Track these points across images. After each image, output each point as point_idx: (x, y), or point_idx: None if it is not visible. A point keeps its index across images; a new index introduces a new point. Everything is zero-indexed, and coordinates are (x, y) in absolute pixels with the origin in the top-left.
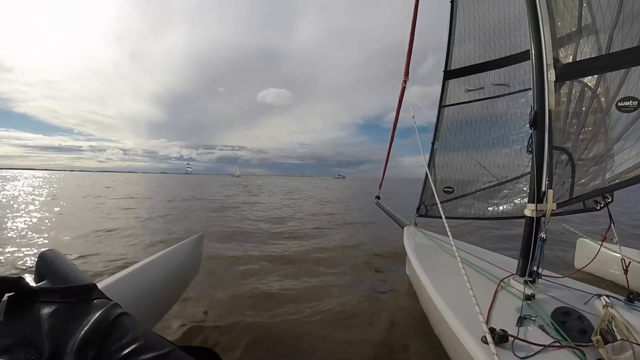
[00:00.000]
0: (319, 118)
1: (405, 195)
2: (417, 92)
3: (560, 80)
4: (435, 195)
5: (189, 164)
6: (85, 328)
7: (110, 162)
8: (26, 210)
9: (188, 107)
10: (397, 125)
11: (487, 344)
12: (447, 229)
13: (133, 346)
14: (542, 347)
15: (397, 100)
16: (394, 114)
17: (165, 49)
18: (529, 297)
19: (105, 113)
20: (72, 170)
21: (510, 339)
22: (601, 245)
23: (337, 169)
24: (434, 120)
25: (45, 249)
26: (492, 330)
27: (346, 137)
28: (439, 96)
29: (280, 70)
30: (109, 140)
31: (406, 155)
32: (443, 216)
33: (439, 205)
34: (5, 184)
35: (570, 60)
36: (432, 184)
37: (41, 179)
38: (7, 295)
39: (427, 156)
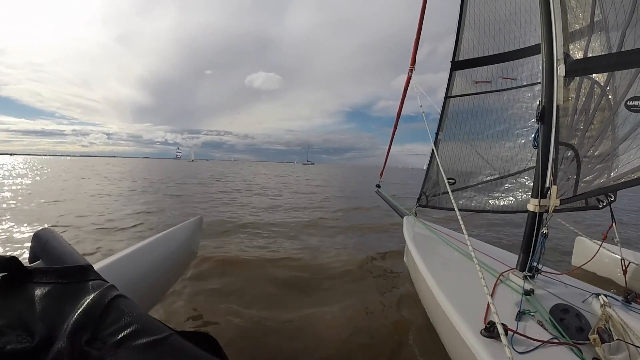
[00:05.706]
0: (306, 105)
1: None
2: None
3: (569, 75)
4: (447, 186)
5: (178, 148)
6: (80, 310)
7: (93, 147)
8: None
9: (174, 92)
10: (388, 114)
11: (486, 337)
12: (461, 220)
13: (129, 330)
14: (540, 343)
15: (400, 90)
16: (383, 103)
17: (153, 33)
18: (528, 292)
19: (90, 97)
20: (53, 155)
21: (509, 333)
22: (601, 244)
23: (322, 156)
24: (436, 109)
25: (40, 228)
26: (491, 324)
27: (333, 124)
28: (443, 86)
29: (270, 57)
30: (93, 124)
31: (394, 144)
32: (456, 208)
33: (451, 195)
34: None
35: (581, 57)
36: (443, 174)
37: None
38: None
39: (431, 146)
